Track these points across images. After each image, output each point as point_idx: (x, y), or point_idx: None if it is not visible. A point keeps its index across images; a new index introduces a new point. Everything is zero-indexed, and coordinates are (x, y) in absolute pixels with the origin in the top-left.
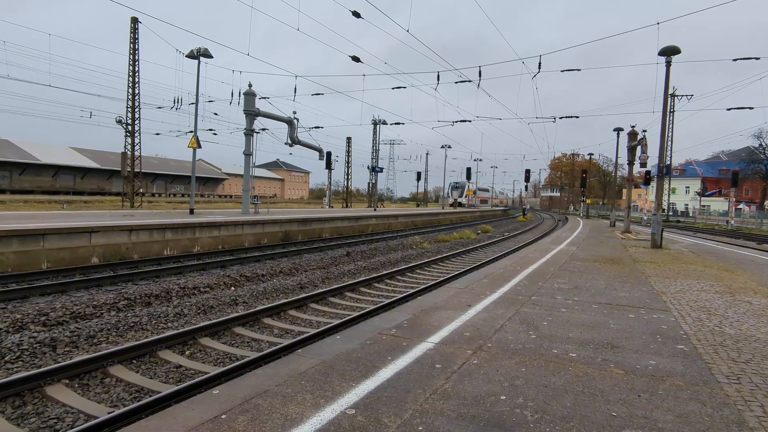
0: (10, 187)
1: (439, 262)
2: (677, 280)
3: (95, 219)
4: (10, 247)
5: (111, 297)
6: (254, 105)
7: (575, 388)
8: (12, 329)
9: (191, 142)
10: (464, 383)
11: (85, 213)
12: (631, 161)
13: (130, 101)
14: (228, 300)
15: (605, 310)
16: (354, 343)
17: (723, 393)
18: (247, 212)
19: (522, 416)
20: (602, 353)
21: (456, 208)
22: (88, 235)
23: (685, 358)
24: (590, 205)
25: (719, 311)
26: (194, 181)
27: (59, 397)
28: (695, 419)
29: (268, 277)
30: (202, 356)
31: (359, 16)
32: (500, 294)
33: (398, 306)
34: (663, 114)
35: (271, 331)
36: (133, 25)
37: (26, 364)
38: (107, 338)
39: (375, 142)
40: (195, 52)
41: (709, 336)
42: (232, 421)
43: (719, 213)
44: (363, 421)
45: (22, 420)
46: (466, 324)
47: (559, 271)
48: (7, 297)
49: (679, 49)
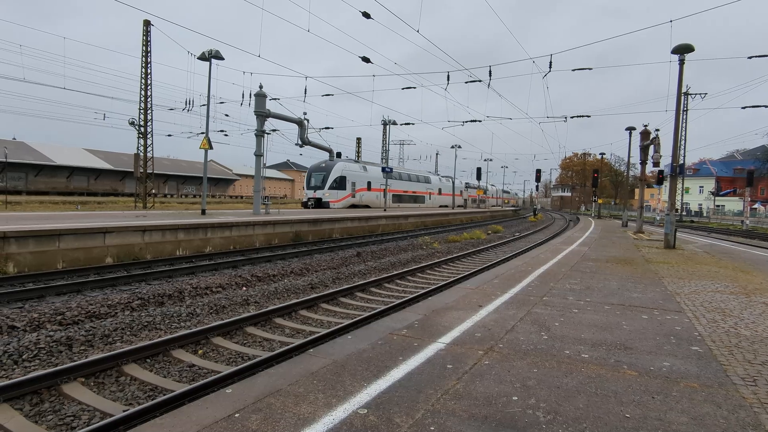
0: (26, 188)
1: (449, 263)
2: (691, 280)
3: (109, 220)
4: (27, 248)
5: (125, 297)
6: (265, 106)
7: (588, 389)
8: (29, 328)
9: (203, 144)
10: (476, 384)
11: (99, 214)
12: (643, 161)
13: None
14: (240, 300)
15: (618, 311)
16: (365, 343)
17: (739, 395)
18: (258, 213)
19: (534, 417)
20: (615, 354)
21: (310, 209)
22: (103, 236)
23: (699, 359)
24: (602, 205)
25: (734, 312)
26: (206, 182)
27: (75, 395)
28: (710, 421)
29: (279, 277)
30: (215, 356)
31: (369, 16)
32: (511, 294)
33: (409, 306)
34: (676, 112)
35: (282, 330)
36: (145, 27)
37: (43, 362)
38: (122, 337)
39: (385, 143)
40: (206, 54)
41: (724, 337)
42: (245, 420)
43: (734, 213)
44: (375, 421)
45: (40, 417)
46: (477, 324)
47: (570, 271)
48: (24, 296)
49: (693, 47)
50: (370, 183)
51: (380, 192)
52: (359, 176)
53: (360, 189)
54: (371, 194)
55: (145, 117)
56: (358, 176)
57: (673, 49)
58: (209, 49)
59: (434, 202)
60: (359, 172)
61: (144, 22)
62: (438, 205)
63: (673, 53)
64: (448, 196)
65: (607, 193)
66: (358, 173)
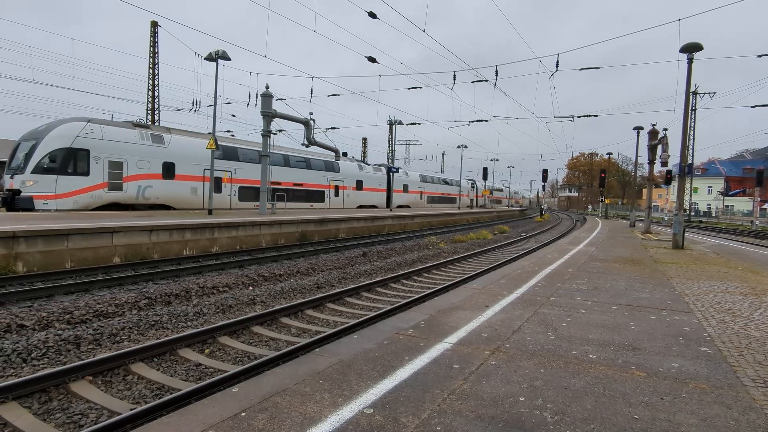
0: None
1: (455, 263)
2: (700, 281)
3: (116, 219)
4: (35, 247)
5: (132, 296)
6: (271, 106)
7: (596, 389)
8: (38, 327)
9: (210, 144)
10: (482, 384)
11: (106, 213)
12: (651, 160)
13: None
14: (246, 299)
15: (626, 311)
16: (371, 343)
17: (749, 397)
18: (265, 213)
19: (541, 418)
20: (623, 355)
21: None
22: (110, 235)
23: (709, 360)
24: (609, 205)
25: (744, 313)
26: (212, 182)
27: (83, 394)
28: (720, 423)
29: (286, 276)
30: (221, 355)
31: (375, 16)
32: (518, 295)
33: (415, 306)
34: (685, 111)
35: (288, 330)
36: (153, 29)
37: (52, 360)
38: (129, 336)
39: (391, 142)
40: (213, 54)
41: (734, 338)
42: (251, 419)
43: (743, 213)
44: (381, 421)
45: (48, 415)
46: (483, 325)
47: (578, 271)
48: (33, 296)
49: (701, 45)
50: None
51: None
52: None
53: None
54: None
55: (152, 117)
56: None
57: (682, 48)
58: (216, 49)
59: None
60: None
61: (151, 23)
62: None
63: (681, 52)
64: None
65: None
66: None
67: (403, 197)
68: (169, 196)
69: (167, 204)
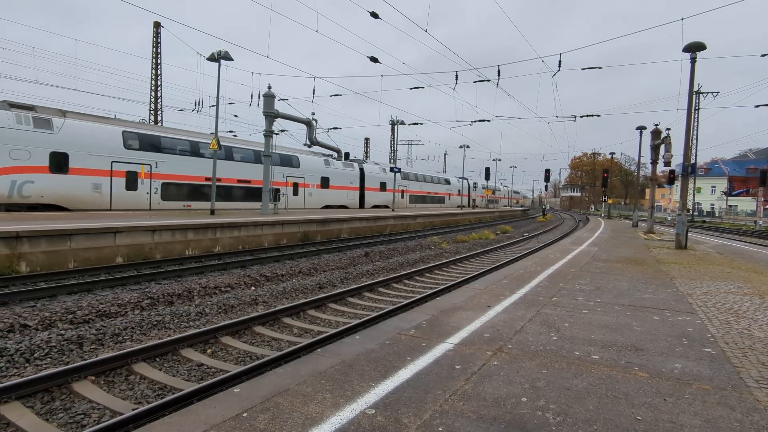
0: None
1: (457, 263)
2: (703, 281)
3: (119, 219)
4: (39, 247)
5: (135, 296)
6: (273, 107)
7: (598, 390)
8: (41, 327)
9: (212, 144)
10: (484, 384)
11: (109, 213)
12: (654, 160)
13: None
14: (248, 299)
15: (628, 311)
16: (373, 343)
17: (753, 398)
18: (267, 213)
19: (544, 418)
20: (626, 356)
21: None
22: (113, 236)
23: (712, 361)
24: (612, 205)
25: (748, 314)
26: (215, 182)
27: (86, 394)
28: (724, 424)
29: (288, 277)
30: (224, 355)
31: (377, 16)
32: (520, 295)
33: (417, 306)
34: (688, 111)
35: (290, 330)
36: (155, 29)
37: (54, 360)
38: (131, 336)
39: (393, 142)
40: (215, 54)
41: (737, 339)
42: (253, 420)
43: (747, 213)
44: (383, 421)
45: (51, 415)
46: (485, 325)
47: (580, 272)
48: (36, 296)
49: (705, 45)
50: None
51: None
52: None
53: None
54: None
55: (155, 118)
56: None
57: (685, 48)
58: (218, 50)
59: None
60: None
61: (154, 23)
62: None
63: (684, 51)
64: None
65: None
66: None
67: (379, 196)
68: (59, 194)
69: (57, 204)
